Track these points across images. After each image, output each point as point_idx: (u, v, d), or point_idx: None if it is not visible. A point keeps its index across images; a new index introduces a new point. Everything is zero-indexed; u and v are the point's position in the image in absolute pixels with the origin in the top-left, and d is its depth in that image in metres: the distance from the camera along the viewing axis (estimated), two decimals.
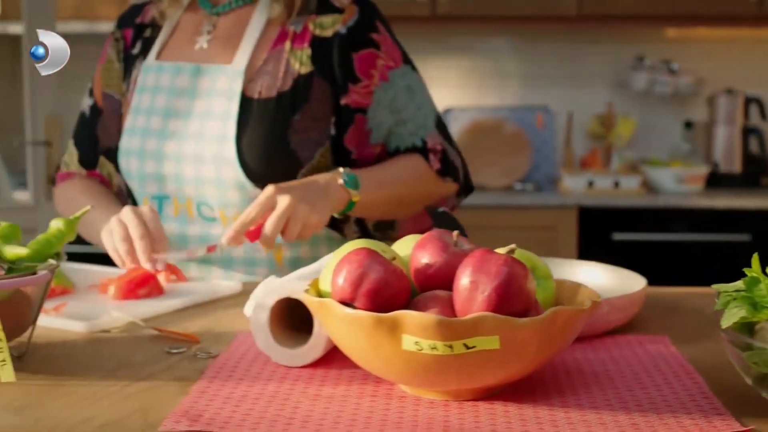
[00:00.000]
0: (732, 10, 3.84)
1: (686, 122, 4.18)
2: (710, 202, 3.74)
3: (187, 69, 1.66)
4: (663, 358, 1.14)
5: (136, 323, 1.27)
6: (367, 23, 1.65)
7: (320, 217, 1.50)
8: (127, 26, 1.78)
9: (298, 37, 1.64)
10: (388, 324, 0.91)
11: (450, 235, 1.01)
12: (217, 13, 1.70)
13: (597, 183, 3.85)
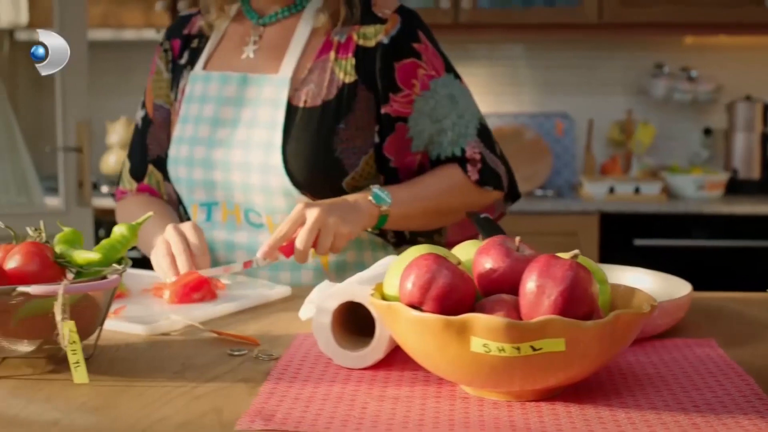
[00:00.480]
0: (750, 17, 3.87)
1: (705, 129, 4.21)
2: (730, 208, 3.76)
3: (234, 78, 1.70)
4: (712, 361, 1.17)
5: (195, 326, 1.30)
6: (409, 33, 1.68)
7: (350, 228, 1.54)
8: (175, 37, 1.82)
9: (343, 46, 1.67)
10: (456, 327, 0.94)
11: (512, 240, 1.04)
12: (263, 23, 1.74)
13: (618, 189, 3.87)
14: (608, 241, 3.74)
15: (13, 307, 1.07)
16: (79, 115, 3.17)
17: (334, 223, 1.51)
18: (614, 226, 3.76)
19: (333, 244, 1.52)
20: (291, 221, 1.50)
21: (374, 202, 1.59)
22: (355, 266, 1.69)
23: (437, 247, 1.09)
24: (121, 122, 4.12)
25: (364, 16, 1.68)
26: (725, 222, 3.75)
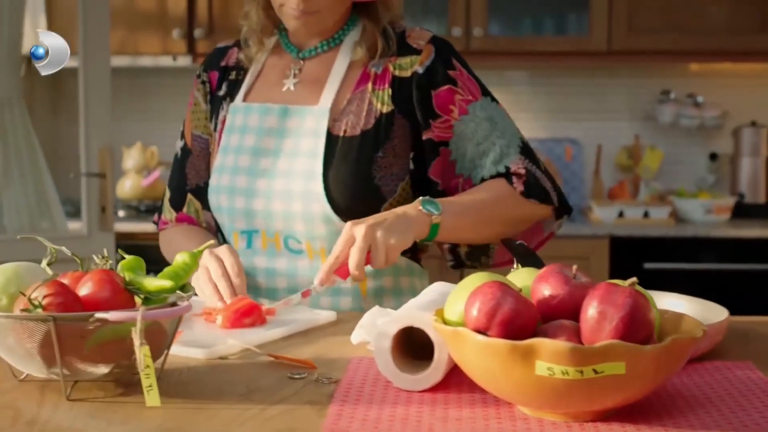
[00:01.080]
0: (755, 45, 3.94)
1: (711, 154, 4.28)
2: (737, 232, 3.82)
3: (275, 110, 1.75)
4: (753, 383, 1.22)
5: (251, 350, 1.35)
6: (443, 62, 1.74)
7: (399, 238, 1.54)
8: (213, 69, 1.87)
9: (379, 78, 1.73)
10: (522, 351, 1.00)
11: (569, 268, 1.10)
12: (303, 57, 1.79)
13: (627, 213, 3.93)
14: (619, 265, 3.79)
15: (89, 332, 1.12)
16: (102, 141, 3.22)
17: (383, 237, 1.52)
18: (624, 249, 3.82)
19: (387, 257, 1.54)
20: (342, 243, 1.52)
21: (424, 211, 1.60)
22: (392, 292, 1.74)
23: (493, 275, 1.14)
24: (137, 147, 4.17)
25: (400, 47, 1.74)
26: (733, 245, 3.81)
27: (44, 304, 1.12)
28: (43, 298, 1.12)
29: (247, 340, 1.39)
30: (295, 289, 1.68)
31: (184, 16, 4.02)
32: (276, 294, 1.70)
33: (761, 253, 3.79)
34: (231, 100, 1.82)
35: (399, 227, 1.55)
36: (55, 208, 3.28)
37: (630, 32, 3.95)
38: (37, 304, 1.11)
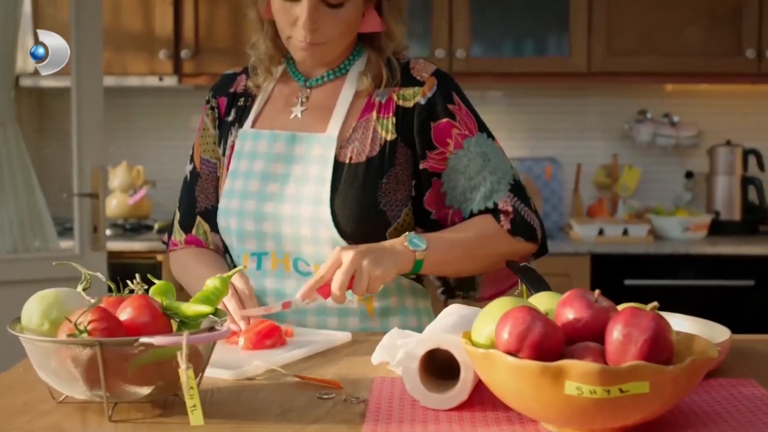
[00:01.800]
0: (730, 67, 4.05)
1: (687, 172, 4.38)
2: (714, 249, 3.91)
3: (283, 137, 1.81)
4: (759, 399, 1.29)
5: (277, 371, 1.40)
6: (444, 95, 1.80)
7: (383, 270, 1.63)
8: (222, 95, 1.92)
9: (383, 106, 1.79)
10: (553, 372, 1.06)
11: (591, 293, 1.16)
12: (310, 85, 1.85)
13: (607, 231, 4.01)
14: (600, 282, 3.86)
15: (133, 355, 1.17)
16: (94, 162, 3.26)
17: (368, 266, 1.60)
18: (605, 267, 3.90)
19: (368, 285, 1.61)
20: (328, 264, 1.61)
21: (409, 247, 1.68)
22: (397, 311, 1.80)
23: (517, 299, 1.20)
24: (123, 167, 4.20)
25: (404, 78, 1.81)
26: (710, 262, 3.90)
27: (89, 329, 1.16)
28: (88, 324, 1.16)
29: (270, 361, 1.44)
30: (304, 309, 1.74)
31: (170, 37, 4.07)
32: (284, 315, 1.75)
33: (737, 269, 3.89)
34: (239, 126, 1.87)
35: (384, 260, 1.63)
36: (48, 227, 3.31)
37: (608, 54, 4.05)
38: (83, 330, 1.16)
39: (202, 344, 1.25)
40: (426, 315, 1.85)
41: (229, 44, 4.10)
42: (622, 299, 1.34)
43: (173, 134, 4.50)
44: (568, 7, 4.04)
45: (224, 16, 4.10)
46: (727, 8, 4.01)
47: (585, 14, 4.02)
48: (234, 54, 4.07)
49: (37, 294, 1.27)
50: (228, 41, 4.10)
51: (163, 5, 4.06)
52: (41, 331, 1.23)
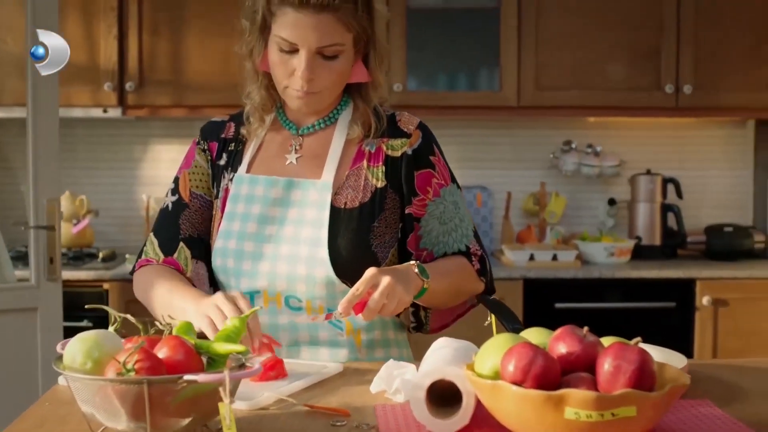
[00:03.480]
0: (649, 101, 4.30)
1: (610, 200, 4.63)
2: (638, 273, 4.14)
3: (281, 182, 1.95)
4: (717, 418, 1.48)
5: (287, 401, 1.54)
6: (427, 147, 1.98)
7: (410, 297, 1.76)
8: (212, 140, 2.05)
9: (373, 156, 1.95)
10: (554, 400, 1.22)
11: (580, 329, 1.33)
12: (301, 133, 1.99)
13: (537, 257, 4.22)
14: (531, 306, 4.07)
15: (176, 392, 1.30)
16: (50, 194, 3.34)
17: (401, 291, 1.73)
18: (536, 291, 4.10)
19: (395, 308, 1.73)
20: (365, 284, 1.70)
21: (420, 275, 1.81)
22: (381, 344, 1.96)
23: (516, 336, 1.37)
24: (66, 196, 4.26)
25: (392, 130, 1.97)
26: (633, 285, 4.13)
27: (136, 368, 1.29)
28: (135, 363, 1.29)
29: (278, 392, 1.58)
30: (296, 341, 1.90)
31: (115, 70, 4.16)
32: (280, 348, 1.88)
33: (659, 291, 4.12)
34: (233, 171, 2.00)
35: (410, 287, 1.77)
36: (4, 258, 3.37)
37: (537, 89, 4.27)
38: (130, 369, 1.29)
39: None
40: (405, 347, 2.01)
41: (172, 77, 4.21)
42: (553, 322, 1.52)
43: (116, 164, 4.58)
44: (499, 45, 4.25)
45: (167, 50, 4.20)
46: (647, 46, 4.27)
47: (515, 51, 4.24)
48: (176, 86, 4.20)
49: (79, 336, 1.38)
50: (171, 74, 4.21)
51: (108, 39, 4.15)
52: (85, 370, 1.35)
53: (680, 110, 4.32)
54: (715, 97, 4.28)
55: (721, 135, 4.71)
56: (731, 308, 4.06)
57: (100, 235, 4.50)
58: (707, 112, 4.38)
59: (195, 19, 4.20)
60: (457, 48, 4.34)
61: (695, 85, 4.26)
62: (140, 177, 4.60)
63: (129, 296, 3.83)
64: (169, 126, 4.58)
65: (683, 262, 4.34)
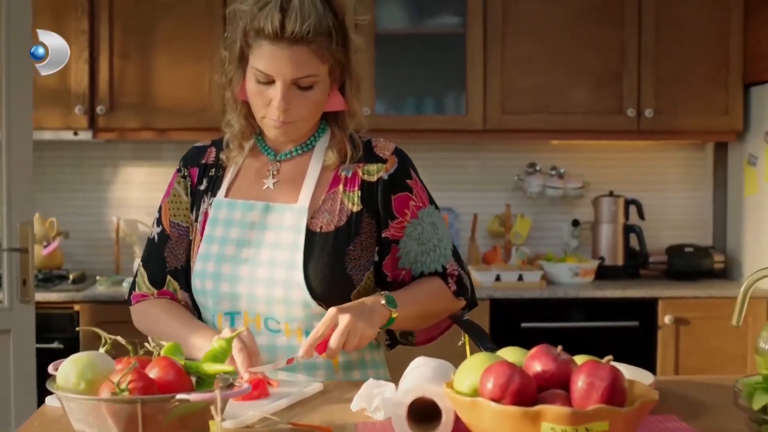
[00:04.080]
0: (611, 125, 4.41)
1: (574, 221, 4.73)
2: (602, 293, 4.23)
3: (258, 206, 2.00)
4: None
5: (271, 419, 1.59)
6: (403, 171, 2.04)
7: (373, 330, 1.86)
8: (193, 166, 2.10)
9: (349, 181, 2.01)
10: (531, 415, 1.29)
11: (554, 348, 1.40)
12: (279, 159, 2.05)
13: (503, 277, 4.30)
14: (498, 325, 4.14)
15: (168, 410, 1.35)
16: (23, 217, 3.36)
17: (361, 327, 1.82)
18: (502, 311, 4.17)
19: (359, 342, 1.82)
20: (325, 324, 1.80)
21: (387, 306, 1.90)
22: (358, 365, 2.01)
23: (493, 355, 1.43)
24: (36, 218, 4.27)
25: (368, 155, 2.03)
26: (597, 305, 4.22)
27: (130, 388, 1.34)
28: (129, 384, 1.34)
29: (261, 411, 1.63)
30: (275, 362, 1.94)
31: (86, 93, 4.19)
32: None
33: (622, 311, 4.21)
34: (212, 195, 2.05)
35: (372, 320, 1.86)
36: None
37: (502, 112, 4.36)
38: (124, 389, 1.34)
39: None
40: (382, 367, 2.07)
41: (143, 101, 4.25)
42: (519, 341, 1.59)
43: (85, 186, 4.61)
44: (465, 70, 4.34)
45: (137, 74, 4.25)
46: (609, 72, 4.38)
47: (481, 76, 4.33)
48: (146, 110, 4.24)
49: (72, 357, 1.43)
50: (141, 98, 4.25)
51: (79, 62, 4.19)
52: (79, 390, 1.39)
53: (642, 133, 4.43)
54: (676, 121, 4.39)
55: (682, 157, 4.82)
56: (692, 327, 4.16)
57: (69, 256, 4.52)
58: (668, 135, 4.50)
59: (165, 43, 4.25)
60: (424, 72, 4.43)
61: (656, 109, 4.37)
62: (110, 199, 4.63)
63: (100, 317, 3.89)
64: (138, 148, 4.62)
65: (645, 282, 4.44)
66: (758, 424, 1.38)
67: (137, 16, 4.24)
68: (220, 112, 4.17)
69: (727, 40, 4.40)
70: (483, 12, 4.32)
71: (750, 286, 1.74)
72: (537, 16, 4.35)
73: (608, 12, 4.36)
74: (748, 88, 4.43)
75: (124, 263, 4.54)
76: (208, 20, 4.23)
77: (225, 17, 4.10)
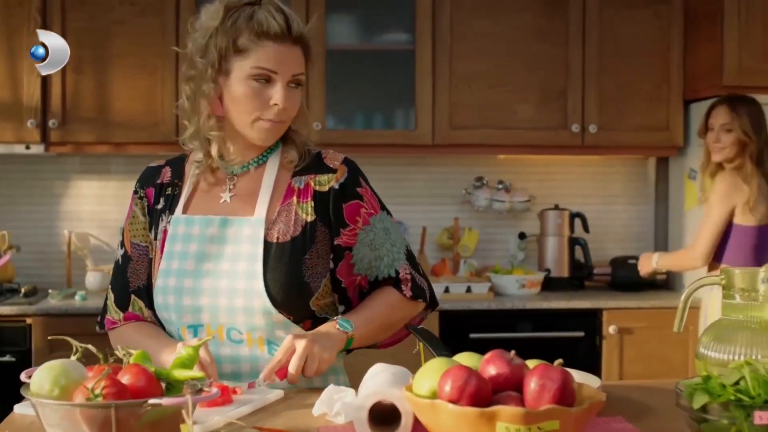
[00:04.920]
0: (556, 140, 4.53)
1: (521, 234, 4.84)
2: (548, 304, 4.34)
3: (216, 221, 2.06)
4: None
5: (236, 423, 1.65)
6: (353, 180, 2.12)
7: (330, 354, 1.95)
8: (149, 186, 2.16)
9: (302, 192, 2.08)
10: (488, 416, 1.37)
11: (507, 353, 1.48)
12: (235, 173, 2.11)
13: (452, 289, 4.39)
14: (447, 336, 4.21)
15: (140, 415, 1.41)
16: None
17: (319, 351, 1.91)
18: (452, 322, 4.26)
19: (318, 367, 1.92)
20: (284, 350, 1.90)
21: (342, 330, 2.00)
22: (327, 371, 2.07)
23: (449, 360, 1.51)
24: None
25: (318, 166, 2.10)
26: (544, 315, 4.32)
27: (104, 393, 1.39)
28: (103, 389, 1.40)
29: (228, 416, 1.69)
30: (239, 372, 2.01)
31: (38, 107, 4.22)
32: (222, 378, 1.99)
33: (568, 321, 4.33)
34: (170, 213, 2.11)
35: (329, 345, 1.96)
36: None
37: (450, 128, 4.46)
38: (98, 394, 1.39)
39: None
40: (342, 374, 2.14)
41: (95, 115, 4.28)
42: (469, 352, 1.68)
43: (38, 200, 4.62)
44: (415, 86, 4.43)
45: (91, 88, 4.28)
46: (555, 88, 4.50)
47: (430, 92, 4.43)
48: (100, 124, 4.27)
49: (45, 365, 1.48)
50: (95, 112, 4.28)
51: (31, 77, 4.21)
52: (53, 396, 1.44)
53: (586, 148, 4.55)
54: (618, 136, 4.53)
55: (624, 172, 4.96)
56: (635, 336, 4.28)
57: (21, 270, 4.52)
58: (611, 150, 4.63)
59: (118, 58, 4.28)
60: (374, 88, 4.52)
61: (600, 125, 4.50)
62: (61, 212, 4.64)
63: (53, 330, 3.90)
64: (89, 162, 4.65)
65: (590, 293, 4.57)
66: (698, 422, 1.47)
67: (90, 31, 4.27)
68: (172, 126, 4.25)
69: (668, 59, 4.55)
70: (432, 29, 4.42)
71: (690, 294, 1.84)
72: (484, 33, 4.46)
73: (553, 30, 4.49)
74: (688, 104, 4.58)
75: (76, 276, 4.55)
76: (160, 35, 4.27)
77: (178, 32, 4.18)
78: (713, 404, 1.46)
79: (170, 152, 4.28)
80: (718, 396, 1.45)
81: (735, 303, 1.69)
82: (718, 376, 1.49)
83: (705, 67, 4.45)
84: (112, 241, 4.60)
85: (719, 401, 1.44)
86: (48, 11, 4.23)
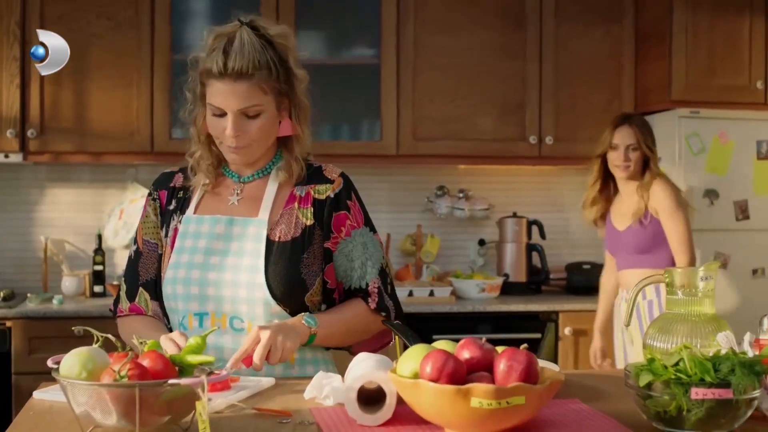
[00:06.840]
0: (515, 151, 4.77)
1: (480, 240, 5.06)
2: (507, 307, 4.56)
3: (223, 220, 2.27)
4: (586, 412, 1.86)
5: (237, 405, 1.85)
6: (346, 193, 2.33)
7: (292, 343, 2.12)
8: (162, 189, 2.38)
9: (303, 199, 2.29)
10: (463, 392, 1.58)
11: (479, 340, 1.70)
12: (243, 181, 2.32)
13: (415, 293, 4.60)
14: None
15: (160, 393, 1.60)
16: None
17: (282, 341, 2.09)
18: (415, 324, 4.39)
19: (282, 356, 2.09)
20: (250, 340, 2.06)
21: (306, 325, 2.18)
22: (311, 361, 2.28)
23: (428, 346, 1.73)
24: None
25: (319, 177, 2.31)
26: (503, 318, 4.54)
27: (129, 375, 1.59)
28: (128, 371, 1.59)
29: (227, 399, 1.89)
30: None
31: (17, 117, 4.37)
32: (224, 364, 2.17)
33: (526, 323, 4.55)
34: (182, 213, 2.31)
35: (292, 335, 2.13)
36: None
37: (414, 139, 4.68)
38: (123, 375, 1.59)
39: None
40: (331, 364, 2.34)
41: (73, 125, 4.44)
42: None
43: (14, 207, 4.77)
44: (380, 99, 4.65)
45: (69, 99, 4.44)
46: (513, 102, 4.74)
47: (394, 105, 4.65)
48: (78, 134, 4.44)
49: (73, 351, 1.67)
50: (72, 122, 4.44)
51: (11, 87, 4.37)
52: (82, 378, 1.63)
53: (542, 159, 4.80)
54: (573, 147, 4.77)
55: (579, 181, 5.18)
56: (590, 338, 4.51)
57: None
58: (566, 160, 4.87)
59: (96, 69, 4.45)
60: (341, 101, 4.71)
61: (556, 137, 4.75)
62: (38, 219, 4.79)
63: (32, 333, 4.06)
64: (64, 170, 4.80)
65: (547, 297, 4.80)
66: (644, 399, 1.69)
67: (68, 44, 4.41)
68: (147, 137, 4.42)
69: (620, 74, 4.81)
70: (396, 45, 4.64)
71: (638, 292, 2.07)
72: (447, 49, 4.69)
73: (512, 46, 4.73)
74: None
75: (52, 281, 4.71)
76: (136, 49, 4.45)
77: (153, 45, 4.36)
78: (656, 382, 1.68)
79: (144, 161, 4.48)
80: (661, 375, 1.67)
81: (677, 299, 1.92)
82: (660, 358, 1.71)
83: (654, 82, 4.71)
84: (87, 247, 4.76)
85: (661, 380, 1.66)
86: (27, 24, 4.39)
